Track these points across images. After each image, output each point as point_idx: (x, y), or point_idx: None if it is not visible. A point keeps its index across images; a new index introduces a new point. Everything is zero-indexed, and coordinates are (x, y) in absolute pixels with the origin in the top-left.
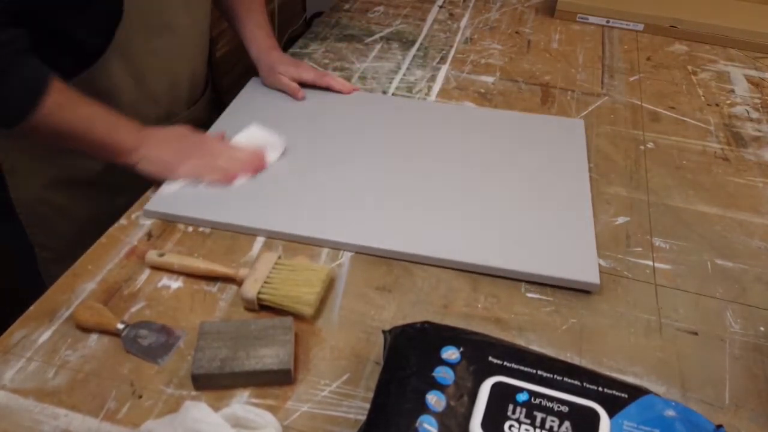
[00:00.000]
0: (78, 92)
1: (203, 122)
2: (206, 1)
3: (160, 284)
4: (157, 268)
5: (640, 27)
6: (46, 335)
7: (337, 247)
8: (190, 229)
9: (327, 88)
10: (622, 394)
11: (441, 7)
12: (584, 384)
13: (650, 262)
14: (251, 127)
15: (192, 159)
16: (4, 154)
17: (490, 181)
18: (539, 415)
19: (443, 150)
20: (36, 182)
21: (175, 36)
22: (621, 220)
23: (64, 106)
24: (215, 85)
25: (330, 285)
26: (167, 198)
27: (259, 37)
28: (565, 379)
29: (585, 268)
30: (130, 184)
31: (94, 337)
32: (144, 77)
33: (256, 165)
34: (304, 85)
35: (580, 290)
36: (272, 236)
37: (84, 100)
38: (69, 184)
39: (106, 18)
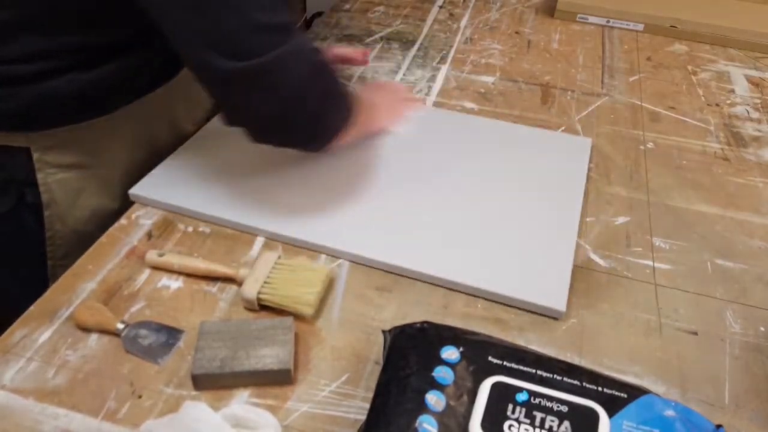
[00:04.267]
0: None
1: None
2: None
3: (160, 284)
4: (157, 268)
5: (640, 27)
6: (46, 335)
7: (332, 254)
8: (190, 228)
9: (346, 62)
10: (622, 394)
11: (441, 7)
12: (584, 384)
13: (650, 262)
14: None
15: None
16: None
17: (480, 199)
18: (539, 415)
19: (440, 163)
20: (74, 216)
21: None
22: (621, 220)
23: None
24: None
25: (330, 285)
26: (156, 186)
27: None
28: (565, 379)
29: (553, 294)
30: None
31: (94, 337)
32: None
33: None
34: None
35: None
36: (270, 237)
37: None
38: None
39: None
